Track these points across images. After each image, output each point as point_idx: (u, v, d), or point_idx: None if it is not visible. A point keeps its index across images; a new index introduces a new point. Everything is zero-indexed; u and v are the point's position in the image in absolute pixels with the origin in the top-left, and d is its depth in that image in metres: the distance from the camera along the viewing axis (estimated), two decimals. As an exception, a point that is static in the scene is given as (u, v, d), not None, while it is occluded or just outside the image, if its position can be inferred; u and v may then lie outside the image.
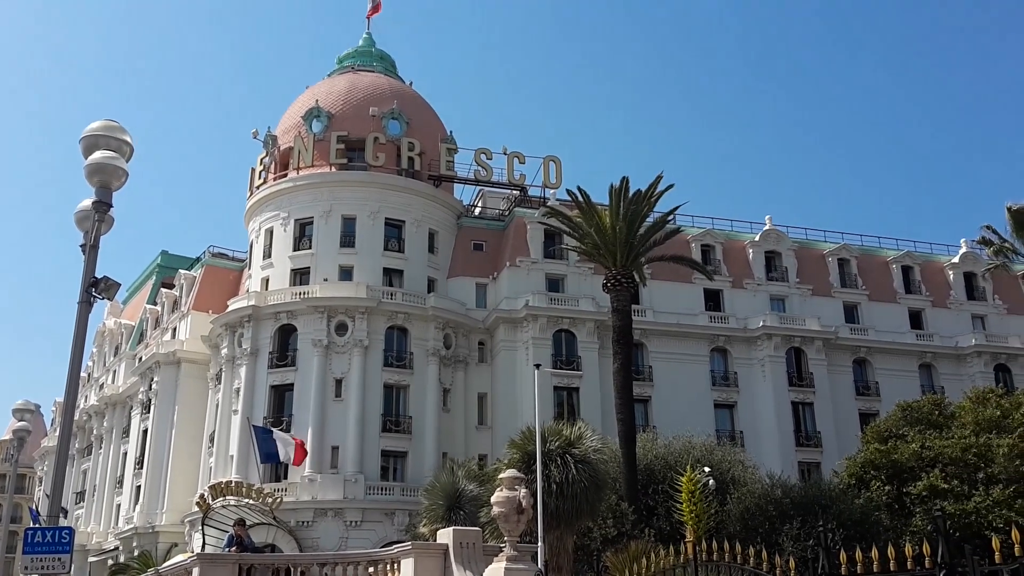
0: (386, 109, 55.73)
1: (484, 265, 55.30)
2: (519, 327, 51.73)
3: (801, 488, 32.77)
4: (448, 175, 56.57)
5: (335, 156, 54.14)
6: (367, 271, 51.91)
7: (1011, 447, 33.43)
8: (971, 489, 32.94)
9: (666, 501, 27.40)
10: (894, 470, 34.91)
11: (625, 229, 34.77)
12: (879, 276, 59.68)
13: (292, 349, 50.25)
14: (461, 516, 25.15)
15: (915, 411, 38.17)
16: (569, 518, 21.53)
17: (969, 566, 7.20)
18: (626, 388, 33.86)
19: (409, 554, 17.63)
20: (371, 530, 45.71)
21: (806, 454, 52.31)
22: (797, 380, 54.12)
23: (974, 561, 7.22)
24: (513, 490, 15.60)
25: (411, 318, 50.64)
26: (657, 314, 53.37)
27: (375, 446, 48.33)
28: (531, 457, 21.28)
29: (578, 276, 53.97)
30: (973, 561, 7.22)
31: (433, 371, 50.27)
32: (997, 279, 57.13)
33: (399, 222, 54.08)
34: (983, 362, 56.51)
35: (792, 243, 59.09)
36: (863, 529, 28.38)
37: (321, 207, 53.54)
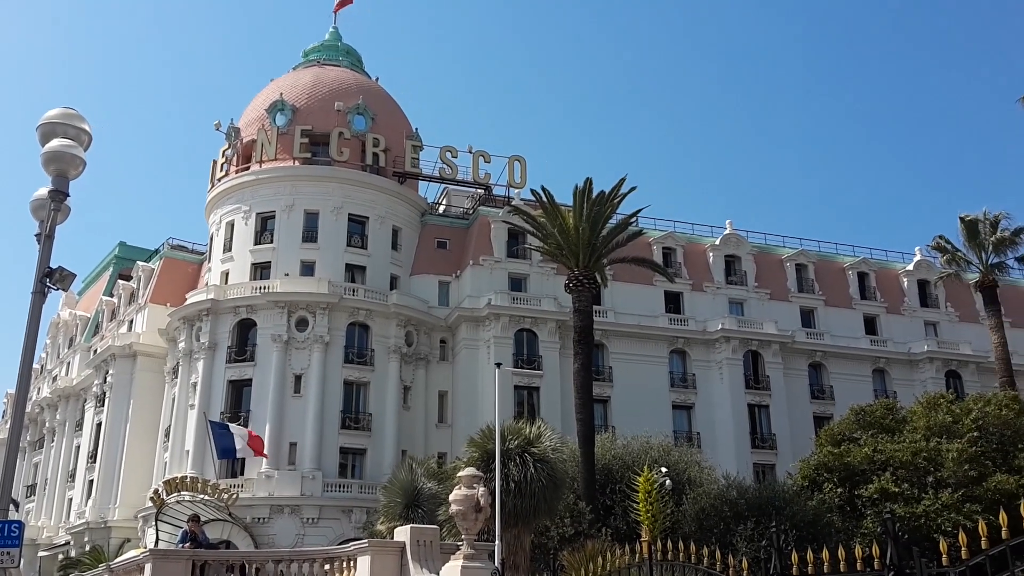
0: (351, 104, 55.40)
1: (447, 263, 55.23)
2: (481, 326, 51.76)
3: (756, 489, 33.16)
4: (413, 172, 56.39)
5: (299, 150, 53.69)
6: (329, 267, 51.57)
7: (960, 452, 34.14)
8: (921, 492, 33.57)
9: (623, 501, 27.64)
10: (846, 473, 35.47)
11: (588, 230, 34.98)
12: (835, 282, 60.65)
13: (251, 344, 49.76)
14: (419, 514, 25.10)
15: (868, 415, 38.80)
16: (527, 517, 21.62)
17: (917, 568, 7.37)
18: (586, 388, 34.08)
19: (366, 552, 17.57)
20: (328, 527, 45.44)
21: (761, 456, 53.00)
22: (754, 383, 54.81)
23: (922, 563, 7.39)
24: (471, 488, 15.65)
25: (373, 315, 50.41)
26: (618, 315, 53.73)
27: (334, 443, 48.05)
28: (490, 456, 21.32)
29: (541, 276, 54.13)
30: (921, 563, 7.39)
31: (394, 368, 50.09)
32: (949, 287, 58.35)
33: (362, 218, 53.80)
34: (935, 368, 57.66)
35: (751, 248, 59.82)
36: (815, 530, 28.83)
37: (283, 201, 53.07)
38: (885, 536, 7.45)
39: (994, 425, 36.04)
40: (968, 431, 35.37)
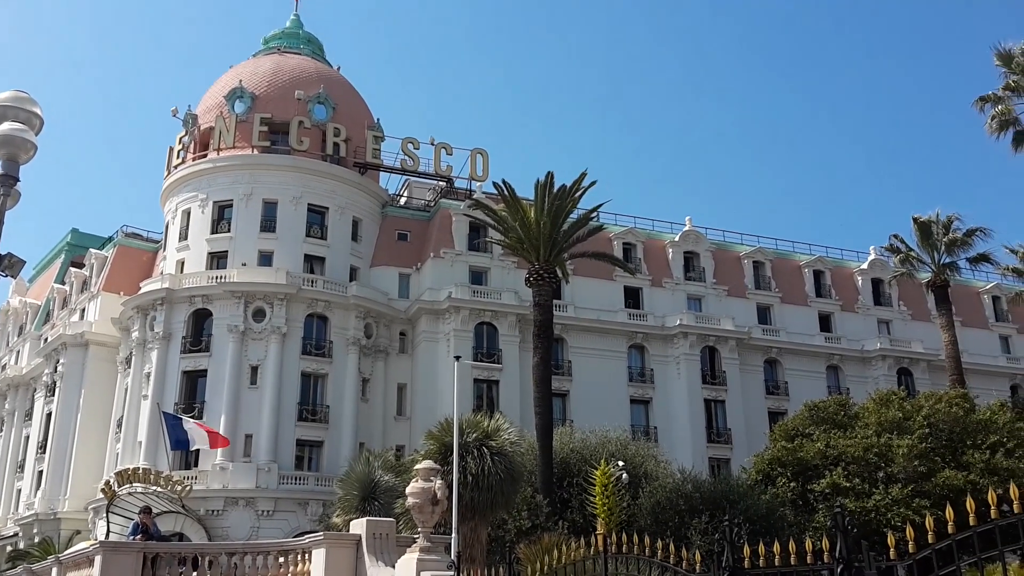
0: (312, 93, 54.85)
1: (408, 255, 55.00)
2: (441, 318, 51.64)
3: (711, 483, 33.60)
4: (374, 163, 56.02)
5: (258, 138, 53.06)
6: (287, 257, 51.08)
7: (910, 448, 34.86)
8: (871, 487, 34.25)
9: (580, 494, 27.77)
10: (799, 467, 36.06)
11: (549, 224, 35.04)
12: (792, 279, 61.50)
13: (206, 334, 49.13)
14: (376, 507, 24.96)
15: (821, 411, 39.46)
16: (484, 510, 21.62)
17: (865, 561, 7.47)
18: (545, 382, 34.17)
19: (321, 544, 17.46)
20: (284, 520, 45.12)
21: (717, 450, 53.62)
22: (710, 378, 55.40)
23: (870, 557, 7.50)
24: (428, 481, 15.62)
25: (332, 306, 50.04)
26: (578, 310, 53.96)
27: (290, 435, 47.66)
28: (448, 448, 21.27)
29: (501, 269, 54.14)
30: (870, 557, 7.50)
31: (353, 360, 49.79)
32: (902, 286, 59.41)
33: (322, 208, 53.35)
34: (887, 365, 58.76)
35: (710, 244, 60.41)
36: (769, 524, 29.28)
37: (241, 190, 52.43)
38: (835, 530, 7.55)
39: (943, 422, 36.87)
40: (918, 428, 36.12)
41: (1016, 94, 36.91)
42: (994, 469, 33.77)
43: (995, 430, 36.56)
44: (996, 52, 37.14)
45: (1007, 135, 37.70)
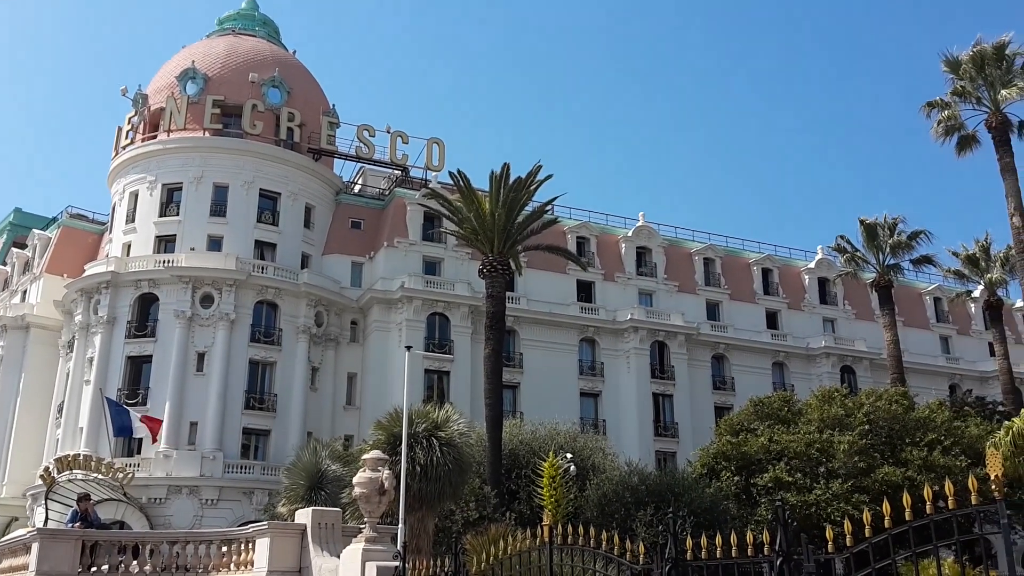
0: (267, 76, 54.09)
1: (361, 243, 54.59)
2: (393, 308, 51.39)
3: (656, 476, 33.97)
4: (328, 149, 55.45)
5: (209, 121, 52.19)
6: (238, 242, 50.36)
7: (851, 444, 35.66)
8: (813, 482, 34.97)
9: (528, 485, 27.92)
10: (743, 462, 36.67)
11: (504, 216, 35.05)
12: (741, 277, 62.38)
13: (152, 319, 48.28)
14: (323, 496, 24.79)
15: (766, 406, 40.15)
16: (432, 500, 21.61)
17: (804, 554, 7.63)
18: (496, 373, 34.23)
19: (265, 533, 17.30)
20: (228, 509, 44.60)
21: (664, 444, 54.25)
22: (659, 372, 55.98)
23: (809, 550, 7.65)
24: (376, 471, 15.57)
25: (282, 293, 49.49)
26: (531, 302, 54.10)
27: (237, 423, 47.08)
28: (397, 439, 21.20)
29: (455, 260, 54.02)
30: (808, 550, 7.65)
31: (302, 349, 49.32)
32: (848, 286, 60.73)
33: (274, 194, 52.68)
34: (831, 363, 59.97)
35: (662, 240, 60.97)
36: (712, 517, 29.71)
37: (192, 173, 51.53)
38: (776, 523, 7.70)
39: (884, 419, 37.78)
40: (859, 424, 36.95)
41: (962, 100, 37.85)
42: (931, 466, 34.70)
43: (933, 428, 37.56)
44: (944, 59, 38.06)
45: (952, 140, 38.71)
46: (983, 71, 36.70)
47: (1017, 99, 35.89)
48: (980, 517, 7.14)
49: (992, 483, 6.69)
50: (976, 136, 38.15)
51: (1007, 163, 35.66)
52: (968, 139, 38.46)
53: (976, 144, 38.28)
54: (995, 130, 36.07)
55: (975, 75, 36.86)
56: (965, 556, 20.71)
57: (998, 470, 6.79)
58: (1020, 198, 35.03)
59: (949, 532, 7.06)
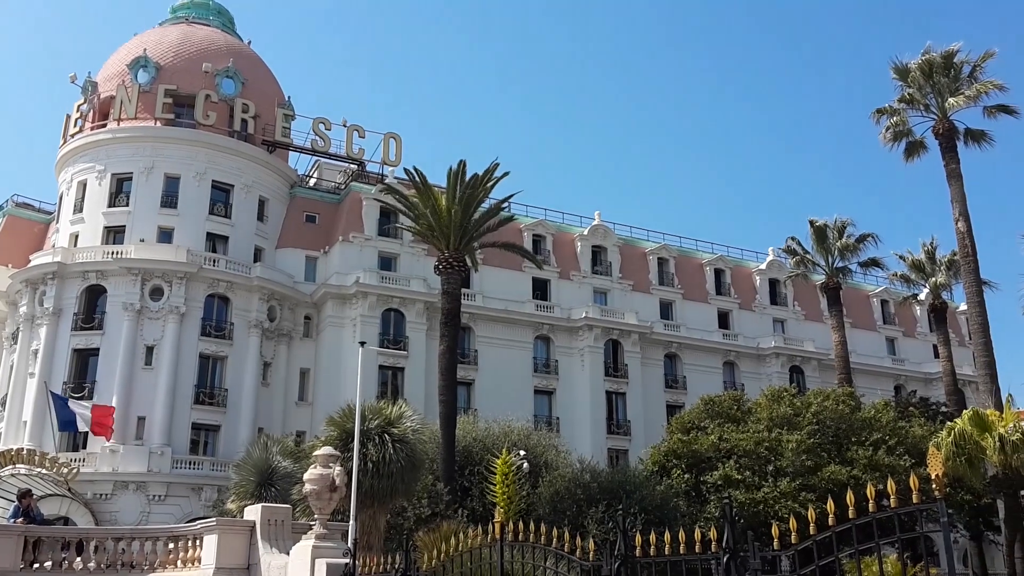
0: (221, 66, 53.29)
1: (316, 238, 54.09)
2: (348, 303, 51.04)
3: (608, 474, 34.24)
4: (283, 142, 54.83)
5: (161, 110, 51.29)
6: (189, 235, 49.58)
7: (799, 443, 36.30)
8: (761, 480, 35.54)
9: (481, 482, 27.94)
10: (694, 460, 37.14)
11: (460, 213, 34.99)
12: (694, 277, 63.09)
13: (100, 312, 47.35)
14: (273, 493, 24.51)
15: (716, 405, 40.71)
16: (384, 497, 21.50)
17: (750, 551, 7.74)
18: (450, 370, 34.19)
19: (213, 530, 17.07)
20: (176, 505, 43.96)
21: (616, 441, 54.68)
22: (613, 371, 56.39)
23: (755, 547, 7.77)
24: (327, 468, 15.46)
25: (234, 287, 48.85)
26: (486, 299, 54.12)
27: (186, 418, 46.39)
28: (349, 435, 21.06)
29: (411, 256, 53.80)
30: (755, 547, 7.76)
31: (254, 343, 48.75)
32: (798, 287, 61.77)
33: (227, 186, 51.96)
34: (780, 363, 60.96)
35: (618, 239, 61.40)
36: (663, 514, 30.05)
37: (142, 163, 50.59)
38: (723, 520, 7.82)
39: (831, 419, 38.52)
40: (807, 424, 37.63)
41: (911, 107, 38.67)
42: (876, 465, 35.45)
43: (878, 428, 38.40)
44: (893, 66, 38.84)
45: (900, 145, 39.54)
46: (931, 79, 37.52)
47: (964, 107, 36.77)
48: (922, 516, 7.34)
49: (934, 483, 6.85)
50: (924, 142, 39.01)
51: (953, 169, 36.51)
52: (916, 145, 39.29)
53: (924, 150, 39.12)
54: (942, 137, 36.91)
55: (923, 83, 37.67)
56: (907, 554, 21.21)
57: (939, 470, 6.95)
58: (965, 204, 35.91)
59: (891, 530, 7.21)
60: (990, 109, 37.13)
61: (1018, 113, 37.26)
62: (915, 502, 6.94)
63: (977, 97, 36.64)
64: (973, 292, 35.17)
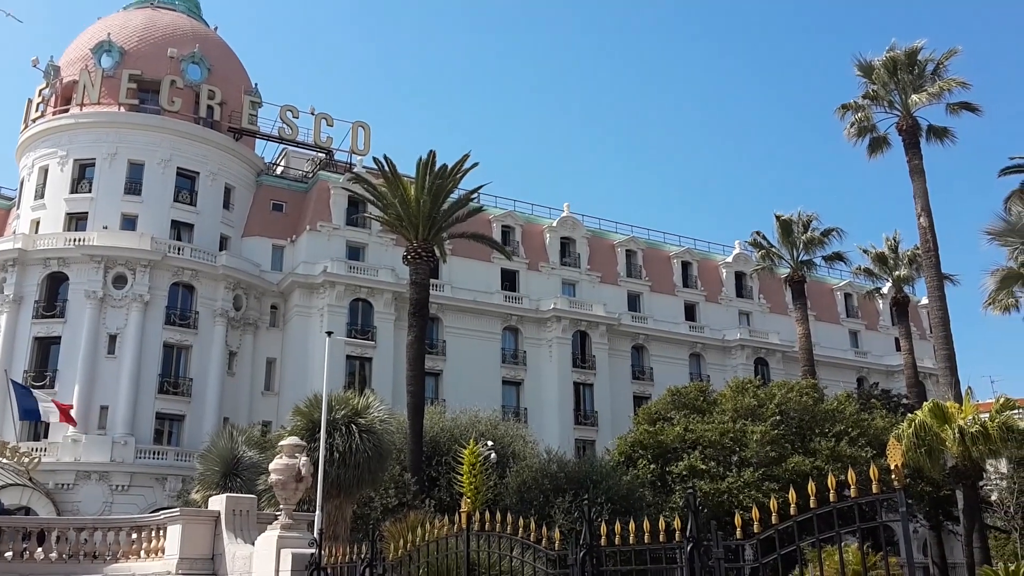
0: (186, 52, 52.55)
1: (283, 226, 53.64)
2: (315, 293, 50.70)
3: (575, 464, 34.38)
4: (250, 129, 54.24)
5: (125, 96, 50.49)
6: (153, 222, 48.92)
7: (763, 434, 36.71)
8: (726, 471, 35.91)
9: (448, 473, 27.91)
10: (660, 450, 37.42)
11: (429, 203, 34.87)
12: (661, 269, 63.50)
13: (62, 299, 46.62)
14: (238, 483, 24.34)
15: (682, 396, 41.02)
16: (350, 487, 21.42)
17: (713, 540, 7.84)
18: (418, 360, 34.11)
19: (177, 520, 16.93)
20: (139, 495, 43.53)
21: (583, 432, 54.95)
22: (580, 362, 56.65)
23: (718, 536, 7.87)
24: (293, 458, 15.40)
25: (199, 275, 48.32)
26: (455, 290, 54.06)
27: (149, 408, 45.87)
28: (316, 425, 20.95)
29: (380, 246, 53.55)
30: (717, 536, 7.86)
31: (220, 332, 48.28)
32: (763, 280, 62.44)
33: (193, 173, 51.31)
34: (745, 355, 61.60)
35: (586, 231, 61.60)
36: (629, 504, 30.25)
37: (105, 149, 49.80)
38: (687, 510, 7.91)
39: (794, 410, 38.99)
40: (771, 415, 38.06)
41: (875, 103, 39.12)
42: (838, 456, 35.95)
43: (841, 419, 38.93)
44: (857, 63, 39.25)
45: (864, 141, 40.01)
46: (895, 76, 37.95)
47: (927, 104, 37.24)
48: (882, 505, 7.45)
49: (893, 473, 6.97)
50: (887, 138, 39.46)
51: (916, 165, 37.01)
52: (879, 141, 39.76)
53: (887, 146, 39.60)
54: (905, 133, 37.37)
55: (887, 80, 38.09)
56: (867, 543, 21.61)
57: (899, 460, 7.07)
58: (927, 199, 36.44)
59: (852, 519, 7.34)
60: (953, 106, 37.63)
61: (980, 110, 37.83)
62: (875, 492, 7.07)
63: (940, 94, 37.11)
64: (934, 286, 35.72)
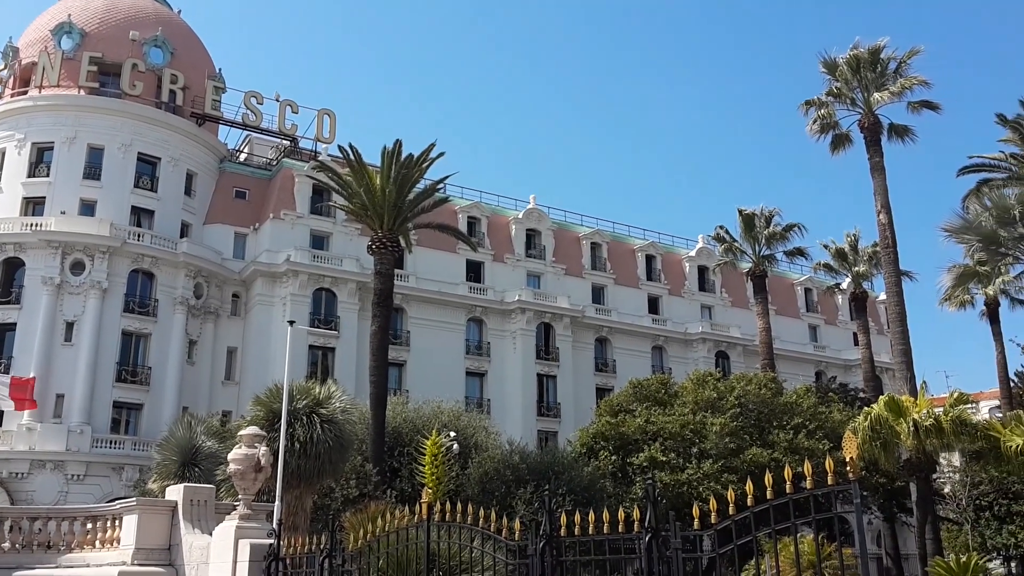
0: (149, 35, 51.69)
1: (245, 214, 53.02)
2: (278, 282, 50.22)
3: (537, 455, 34.51)
4: (213, 115, 53.50)
5: (86, 78, 49.56)
6: (113, 208, 48.11)
7: (722, 426, 37.12)
8: (685, 462, 36.27)
9: (411, 463, 27.87)
10: (621, 441, 37.70)
11: (395, 192, 34.66)
12: (625, 262, 63.84)
13: (17, 285, 45.75)
14: (196, 473, 24.05)
15: (644, 388, 41.35)
16: (310, 478, 21.27)
17: (672, 531, 7.90)
18: (382, 351, 33.95)
19: (133, 510, 16.69)
20: (96, 485, 42.91)
21: (546, 423, 55.14)
22: (544, 354, 56.81)
23: (676, 527, 7.93)
24: (253, 448, 15.27)
25: (159, 263, 47.64)
26: (420, 280, 53.88)
27: (107, 396, 45.19)
28: (276, 415, 20.76)
29: (344, 235, 53.18)
30: (675, 526, 7.93)
31: (179, 321, 47.66)
32: (725, 274, 63.03)
33: (154, 159, 50.51)
34: (707, 348, 62.20)
35: (552, 223, 61.71)
36: (590, 495, 30.44)
37: (64, 132, 48.84)
38: (646, 501, 7.97)
39: (753, 403, 39.49)
40: (731, 407, 38.50)
41: (838, 100, 39.59)
42: (796, 448, 36.47)
43: (799, 412, 39.48)
44: (822, 60, 39.68)
45: (827, 138, 40.49)
46: (859, 74, 38.42)
47: (889, 102, 37.76)
48: (837, 497, 7.55)
49: (848, 466, 7.07)
50: (849, 135, 39.96)
51: (877, 163, 37.53)
52: (842, 138, 40.25)
53: (849, 143, 40.10)
54: (867, 131, 37.87)
55: (851, 77, 38.56)
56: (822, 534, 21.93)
57: (854, 453, 7.18)
58: (887, 196, 36.99)
59: (808, 511, 7.44)
60: (914, 104, 38.19)
61: (941, 109, 38.45)
62: (830, 484, 7.17)
63: (902, 92, 37.66)
64: (892, 282, 36.28)
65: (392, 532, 11.27)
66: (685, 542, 8.03)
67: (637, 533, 7.87)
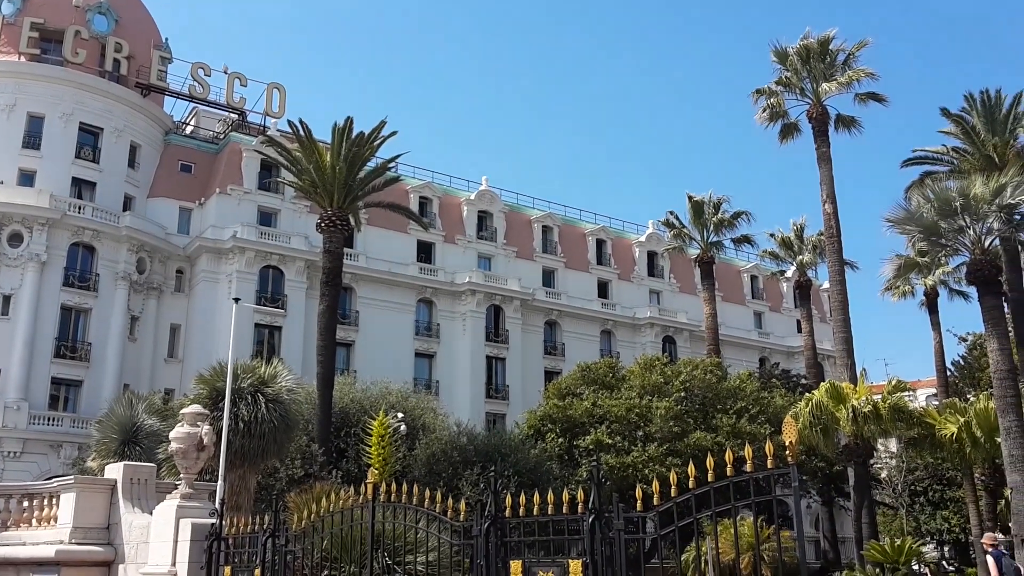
0: (93, 2, 50.22)
1: (191, 188, 51.97)
2: (224, 258, 49.40)
3: (485, 437, 34.60)
4: (159, 85, 52.22)
5: (26, 45, 48.01)
6: (53, 179, 46.78)
7: (667, 410, 37.62)
8: (631, 445, 36.70)
9: (357, 444, 27.74)
10: (568, 424, 37.99)
11: (345, 170, 34.26)
12: (576, 246, 64.12)
13: (-49, 256, 44.24)
14: (137, 452, 23.65)
15: (592, 372, 41.67)
16: (254, 457, 21.04)
17: (615, 512, 7.99)
18: (329, 330, 33.63)
19: (71, 488, 16.33)
20: (33, 463, 41.97)
21: (494, 405, 55.31)
22: (494, 336, 56.88)
23: (619, 508, 8.02)
24: (195, 426, 15.05)
25: (101, 236, 46.51)
26: (369, 260, 53.46)
27: (45, 372, 44.11)
28: (220, 393, 20.47)
29: (293, 213, 52.47)
30: (619, 508, 8.01)
31: (121, 296, 46.65)
32: (674, 260, 63.73)
33: (96, 129, 49.19)
34: (654, 333, 62.90)
35: (504, 205, 61.65)
36: (537, 477, 30.64)
37: (3, 100, 47.37)
38: (591, 483, 8.04)
39: (698, 388, 40.04)
40: (676, 391, 39.00)
41: (788, 90, 40.12)
42: (739, 432, 37.13)
43: (742, 397, 40.17)
44: (773, 49, 40.12)
45: (776, 127, 41.04)
46: (808, 63, 38.96)
47: (836, 93, 38.38)
48: (776, 481, 7.69)
49: (788, 450, 7.21)
50: (798, 125, 40.54)
51: (824, 153, 38.17)
52: (790, 127, 40.83)
53: (798, 132, 40.69)
54: (815, 121, 38.46)
55: (800, 67, 39.08)
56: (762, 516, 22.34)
57: (793, 437, 7.32)
58: (833, 186, 37.66)
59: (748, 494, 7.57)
60: (861, 96, 38.89)
61: (887, 101, 39.21)
62: (770, 468, 7.30)
63: (849, 84, 38.29)
64: (836, 271, 37.00)
65: (337, 512, 11.22)
66: (628, 523, 8.11)
67: (581, 514, 7.94)
